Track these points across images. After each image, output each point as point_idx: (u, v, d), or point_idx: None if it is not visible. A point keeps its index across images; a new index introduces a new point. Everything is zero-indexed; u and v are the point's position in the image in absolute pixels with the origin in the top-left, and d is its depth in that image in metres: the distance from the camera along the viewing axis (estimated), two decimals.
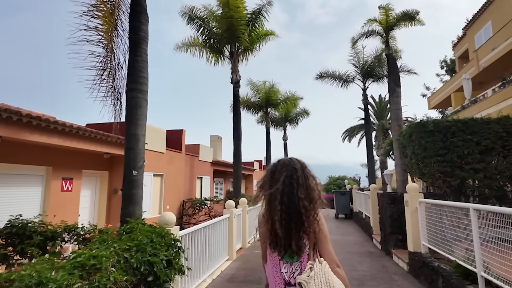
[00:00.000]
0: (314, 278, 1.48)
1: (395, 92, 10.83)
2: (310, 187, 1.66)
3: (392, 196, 7.40)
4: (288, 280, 1.58)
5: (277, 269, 1.61)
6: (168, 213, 4.17)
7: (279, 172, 1.68)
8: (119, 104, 6.36)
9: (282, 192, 1.63)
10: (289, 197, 1.62)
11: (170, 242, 3.82)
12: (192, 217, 12.33)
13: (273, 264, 1.63)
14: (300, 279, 1.49)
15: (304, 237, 1.59)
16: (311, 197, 1.64)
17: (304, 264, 1.57)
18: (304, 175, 1.67)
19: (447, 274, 4.24)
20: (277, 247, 1.60)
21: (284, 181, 1.65)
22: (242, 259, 7.14)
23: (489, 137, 6.71)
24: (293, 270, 1.58)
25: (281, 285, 1.59)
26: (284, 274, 1.59)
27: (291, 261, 1.59)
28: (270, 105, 21.73)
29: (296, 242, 1.58)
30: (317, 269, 1.51)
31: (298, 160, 1.74)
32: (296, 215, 1.59)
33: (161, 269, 3.32)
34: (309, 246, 1.61)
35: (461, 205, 4.12)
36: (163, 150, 11.35)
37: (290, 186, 1.63)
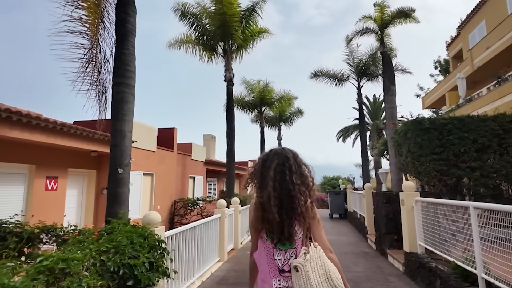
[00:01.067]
0: (310, 261, 1.49)
1: (390, 90, 10.70)
2: (303, 175, 1.67)
3: (387, 195, 7.24)
4: (282, 267, 1.58)
5: (270, 257, 1.61)
6: (152, 212, 3.94)
7: (271, 160, 1.68)
8: (104, 99, 6.09)
9: (274, 179, 1.63)
10: (281, 184, 1.62)
11: (153, 243, 3.58)
12: (184, 217, 12.07)
13: (266, 252, 1.63)
14: (296, 262, 1.50)
15: (295, 223, 1.60)
16: (306, 184, 1.65)
17: (298, 250, 1.58)
18: (297, 163, 1.67)
19: (445, 275, 4.07)
20: (270, 235, 1.60)
21: (276, 168, 1.65)
22: (234, 260, 6.92)
23: (485, 134, 6.59)
24: (288, 257, 1.59)
25: (274, 272, 1.59)
26: (277, 261, 1.60)
27: (284, 248, 1.60)
28: (264, 104, 21.53)
29: (288, 229, 1.58)
30: (312, 253, 1.53)
31: (290, 150, 1.74)
32: (288, 201, 1.60)
33: (142, 272, 3.09)
34: (302, 233, 1.61)
35: (460, 203, 3.95)
36: (154, 149, 11.08)
37: (282, 173, 1.63)
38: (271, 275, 1.60)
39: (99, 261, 2.75)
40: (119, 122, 5.71)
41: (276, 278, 1.59)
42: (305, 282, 1.46)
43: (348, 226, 12.77)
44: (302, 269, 1.48)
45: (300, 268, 1.49)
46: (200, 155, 15.66)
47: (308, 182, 1.67)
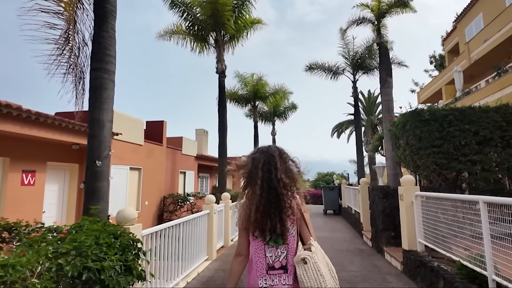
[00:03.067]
0: (316, 253, 1.57)
1: (387, 82, 10.37)
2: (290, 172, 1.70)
3: (385, 190, 6.91)
4: (272, 264, 1.61)
5: (260, 254, 1.63)
6: (127, 208, 3.52)
7: (258, 160, 1.71)
8: (81, 85, 5.63)
9: (262, 179, 1.65)
10: (268, 183, 1.64)
11: (127, 243, 3.17)
12: (173, 214, 11.65)
13: (255, 250, 1.65)
14: (304, 254, 1.56)
15: (288, 220, 1.64)
16: (287, 183, 1.67)
17: (291, 246, 1.62)
18: (282, 161, 1.70)
19: (449, 276, 3.74)
20: (262, 233, 1.62)
21: (262, 168, 1.67)
22: (223, 259, 6.54)
23: (487, 126, 6.28)
24: (279, 253, 1.62)
25: (263, 270, 1.61)
26: (268, 258, 1.62)
27: (276, 245, 1.63)
28: (258, 98, 21.11)
29: (280, 226, 1.61)
30: (316, 246, 1.62)
31: (276, 147, 1.77)
32: (276, 199, 1.63)
33: (111, 277, 2.68)
34: (295, 229, 1.66)
35: (468, 197, 3.61)
36: (141, 142, 10.60)
37: (268, 172, 1.66)
38: (257, 274, 1.62)
39: (56, 265, 2.34)
40: (97, 110, 5.25)
41: (262, 277, 1.61)
42: (315, 273, 1.50)
43: (342, 222, 12.49)
44: (310, 261, 1.53)
45: (308, 260, 1.53)
46: (191, 149, 15.21)
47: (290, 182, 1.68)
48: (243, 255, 1.74)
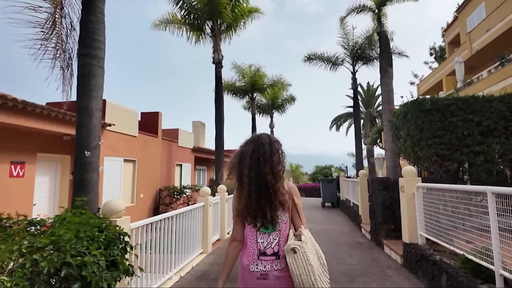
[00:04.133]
0: (306, 242, 1.59)
1: (387, 72, 10.13)
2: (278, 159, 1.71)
3: (385, 182, 6.74)
4: (264, 250, 1.65)
5: (252, 240, 1.68)
6: (114, 200, 3.32)
7: (247, 148, 1.73)
8: (69, 71, 5.37)
9: (249, 167, 1.68)
10: (257, 171, 1.66)
11: (113, 236, 2.98)
12: (169, 207, 11.47)
13: (248, 236, 1.69)
14: (294, 244, 1.57)
15: (279, 208, 1.68)
16: (277, 171, 1.69)
17: (283, 233, 1.66)
18: (271, 149, 1.71)
19: (452, 270, 3.58)
20: (252, 220, 1.67)
21: (251, 156, 1.70)
22: (218, 252, 6.38)
23: (491, 116, 6.09)
24: (271, 240, 1.65)
25: (254, 256, 1.65)
26: (259, 244, 1.66)
27: (268, 232, 1.67)
28: (256, 90, 20.80)
29: (270, 213, 1.65)
30: (306, 234, 1.64)
31: (267, 135, 1.78)
32: (265, 187, 1.65)
33: (94, 273, 2.49)
34: (287, 216, 1.70)
35: (474, 188, 3.43)
36: (136, 134, 10.35)
37: (257, 160, 1.68)
38: (249, 259, 1.66)
39: (30, 261, 2.15)
40: (86, 98, 5.02)
41: (254, 262, 1.65)
42: (304, 262, 1.53)
43: (340, 215, 12.37)
44: (300, 251, 1.55)
45: (298, 249, 1.55)
46: (187, 142, 14.97)
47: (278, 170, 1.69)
48: (238, 240, 1.79)
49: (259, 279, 1.65)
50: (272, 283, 1.63)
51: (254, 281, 1.65)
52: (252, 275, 1.66)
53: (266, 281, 1.64)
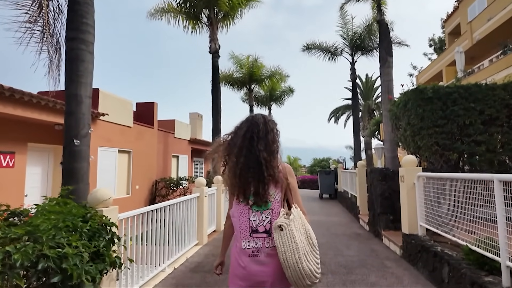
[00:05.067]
0: (294, 221, 1.61)
1: (387, 61, 9.91)
2: (272, 138, 1.73)
3: (384, 172, 6.60)
4: (256, 228, 1.67)
5: (245, 218, 1.70)
6: (101, 189, 3.14)
7: (240, 127, 1.75)
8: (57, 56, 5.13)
9: (241, 146, 1.69)
10: (249, 150, 1.68)
11: (98, 227, 2.82)
12: (166, 198, 11.32)
13: (240, 214, 1.71)
14: (281, 222, 1.60)
15: (271, 186, 1.69)
16: (274, 147, 1.71)
17: (275, 211, 1.67)
18: (266, 128, 1.73)
19: (455, 261, 3.46)
20: (244, 198, 1.69)
21: (245, 134, 1.71)
22: (214, 244, 6.26)
23: (494, 105, 5.93)
24: (263, 218, 1.68)
25: (246, 233, 1.67)
26: (252, 222, 1.68)
27: (260, 210, 1.68)
28: (253, 81, 20.54)
29: (262, 191, 1.66)
30: (295, 213, 1.65)
31: (262, 115, 1.80)
32: (256, 165, 1.66)
33: (75, 265, 2.33)
34: (280, 195, 1.71)
35: (480, 176, 3.27)
36: (130, 124, 10.14)
37: (250, 139, 1.69)
38: (241, 236, 1.68)
39: (3, 253, 1.98)
40: (74, 84, 4.80)
41: (246, 239, 1.67)
42: (289, 240, 1.55)
43: (338, 207, 12.28)
44: (286, 228, 1.56)
45: (285, 227, 1.57)
46: (184, 133, 14.76)
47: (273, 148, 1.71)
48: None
49: (251, 256, 1.67)
50: (263, 260, 1.65)
51: (246, 258, 1.67)
52: (244, 252, 1.68)
53: (258, 258, 1.66)
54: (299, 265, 1.54)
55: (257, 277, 1.65)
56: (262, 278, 1.65)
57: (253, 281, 1.66)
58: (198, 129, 19.20)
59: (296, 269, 1.54)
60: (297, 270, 1.54)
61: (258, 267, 1.65)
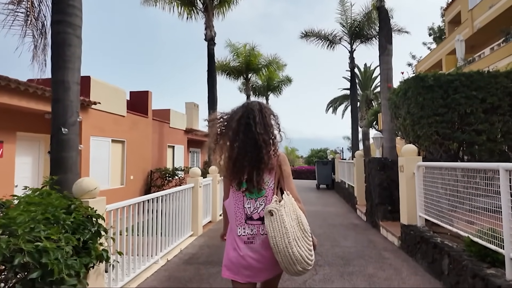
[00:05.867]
0: (284, 207, 1.61)
1: (386, 49, 9.68)
2: (268, 124, 1.73)
3: (382, 162, 6.48)
4: (250, 215, 1.69)
5: (239, 205, 1.71)
6: (86, 179, 2.98)
7: (236, 112, 1.75)
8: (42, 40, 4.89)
9: (237, 131, 1.69)
10: (245, 134, 1.68)
11: (83, 219, 2.67)
12: (161, 188, 11.19)
13: (235, 201, 1.73)
14: (271, 207, 1.60)
15: (266, 173, 1.70)
16: (270, 133, 1.72)
17: (269, 198, 1.69)
18: (262, 114, 1.73)
19: (455, 253, 3.35)
20: (238, 184, 1.70)
21: (240, 120, 1.71)
22: (209, 235, 6.15)
23: (496, 93, 5.77)
24: (257, 205, 1.69)
25: (241, 220, 1.69)
26: (247, 209, 1.70)
27: (254, 197, 1.70)
28: (250, 70, 20.23)
29: (256, 178, 1.67)
30: (286, 200, 1.65)
31: (257, 102, 1.82)
32: (253, 150, 1.66)
33: (57, 260, 2.19)
34: (273, 182, 1.73)
35: (485, 165, 3.14)
36: (124, 113, 9.91)
37: (246, 124, 1.69)
38: (236, 223, 1.69)
39: None
40: (61, 70, 4.57)
41: (241, 226, 1.68)
42: (279, 225, 1.55)
43: (335, 197, 12.23)
44: (277, 213, 1.56)
45: (275, 212, 1.57)
46: (179, 123, 14.55)
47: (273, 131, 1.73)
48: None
49: (246, 243, 1.68)
50: (258, 247, 1.66)
51: (242, 244, 1.68)
52: (239, 239, 1.69)
53: (253, 245, 1.67)
54: (289, 250, 1.53)
55: (253, 263, 1.66)
56: (258, 265, 1.66)
57: (249, 267, 1.66)
58: (195, 119, 18.97)
59: (286, 254, 1.53)
60: (287, 255, 1.53)
61: (253, 253, 1.66)
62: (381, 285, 3.56)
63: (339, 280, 3.71)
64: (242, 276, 1.67)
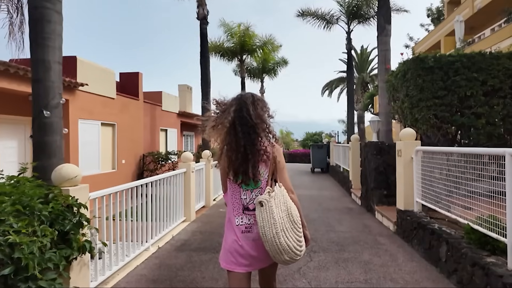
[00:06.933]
0: (274, 198, 1.66)
1: (385, 30, 9.37)
2: (261, 117, 1.76)
3: (379, 146, 6.35)
4: (247, 205, 1.75)
5: (236, 196, 1.77)
6: (66, 165, 2.78)
7: (230, 105, 1.78)
8: (19, 16, 4.55)
9: (233, 124, 1.72)
10: (241, 128, 1.71)
11: (62, 209, 2.48)
12: (154, 173, 11.02)
13: (232, 192, 1.79)
14: (262, 198, 1.65)
15: (261, 165, 1.74)
16: (264, 125, 1.76)
17: (264, 190, 1.73)
18: (254, 107, 1.75)
19: (454, 240, 3.27)
20: (235, 176, 1.74)
21: (234, 113, 1.73)
22: (203, 220, 6.05)
23: (497, 75, 5.60)
24: (253, 196, 1.74)
25: (239, 210, 1.76)
26: (243, 200, 1.76)
27: (250, 188, 1.75)
28: (245, 52, 19.71)
29: (252, 170, 1.70)
30: (277, 191, 1.70)
31: (250, 94, 1.84)
32: (248, 143, 1.69)
33: (32, 253, 2.02)
34: (268, 174, 1.77)
35: (490, 151, 3.00)
36: (113, 95, 9.57)
37: (240, 118, 1.71)
38: (234, 213, 1.76)
39: None
40: (40, 48, 4.24)
41: (239, 216, 1.75)
42: (268, 216, 1.61)
43: (330, 181, 12.20)
44: (266, 204, 1.63)
45: (264, 203, 1.63)
46: (172, 106, 14.21)
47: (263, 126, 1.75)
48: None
49: (244, 232, 1.73)
50: (256, 236, 1.70)
51: (240, 234, 1.73)
52: (237, 229, 1.74)
53: (250, 234, 1.72)
54: (276, 240, 1.59)
55: (250, 251, 1.71)
56: (255, 253, 1.71)
57: (246, 256, 1.71)
58: (188, 101, 18.58)
59: (274, 243, 1.59)
60: (274, 245, 1.59)
61: (251, 242, 1.72)
62: (377, 272, 3.48)
63: (334, 267, 3.62)
64: (240, 266, 1.72)
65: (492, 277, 2.52)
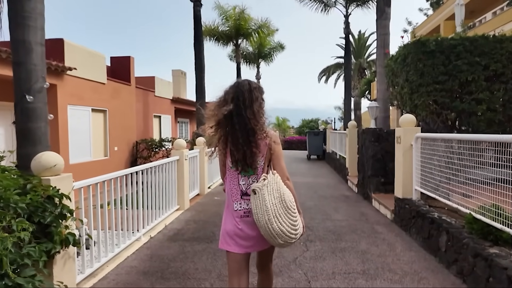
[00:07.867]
0: (267, 186, 1.72)
1: (384, 13, 9.08)
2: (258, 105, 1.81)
3: (377, 133, 6.21)
4: (245, 191, 1.83)
5: (235, 182, 1.85)
6: (46, 153, 2.59)
7: (227, 93, 1.81)
8: None
9: (231, 114, 1.75)
10: (238, 118, 1.75)
11: (41, 200, 2.31)
12: (148, 160, 10.83)
13: (231, 178, 1.86)
14: (255, 186, 1.74)
15: (258, 153, 1.79)
16: (260, 115, 1.81)
17: (260, 176, 1.81)
18: (251, 97, 1.79)
19: (454, 230, 3.17)
20: (234, 163, 1.81)
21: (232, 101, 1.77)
22: (197, 209, 5.92)
23: (500, 59, 5.43)
24: (250, 182, 1.82)
25: (237, 196, 1.83)
26: (241, 185, 1.84)
27: (248, 175, 1.82)
28: (240, 36, 19.23)
29: (250, 158, 1.77)
30: (270, 179, 1.76)
31: (248, 82, 1.86)
32: (246, 133, 1.74)
33: (8, 249, 1.86)
34: (264, 162, 1.83)
35: (497, 138, 2.85)
36: (104, 80, 9.25)
37: (237, 107, 1.75)
38: (233, 199, 1.84)
39: None
40: (20, 28, 3.95)
41: (237, 201, 1.83)
42: (261, 203, 1.69)
43: (326, 168, 12.13)
44: (259, 192, 1.71)
45: (257, 191, 1.71)
46: (166, 91, 13.88)
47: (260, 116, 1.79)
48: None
49: (242, 216, 1.81)
50: (253, 220, 1.74)
51: (239, 219, 1.82)
52: (236, 213, 1.82)
53: (248, 218, 1.80)
54: (269, 225, 1.67)
55: (250, 233, 1.80)
56: (253, 236, 1.79)
57: (245, 238, 1.80)
58: (182, 87, 18.22)
59: (266, 229, 1.67)
60: (267, 230, 1.68)
61: (249, 226, 1.79)
62: (375, 262, 3.39)
63: (331, 257, 3.53)
64: (239, 247, 1.81)
65: (496, 269, 2.42)
